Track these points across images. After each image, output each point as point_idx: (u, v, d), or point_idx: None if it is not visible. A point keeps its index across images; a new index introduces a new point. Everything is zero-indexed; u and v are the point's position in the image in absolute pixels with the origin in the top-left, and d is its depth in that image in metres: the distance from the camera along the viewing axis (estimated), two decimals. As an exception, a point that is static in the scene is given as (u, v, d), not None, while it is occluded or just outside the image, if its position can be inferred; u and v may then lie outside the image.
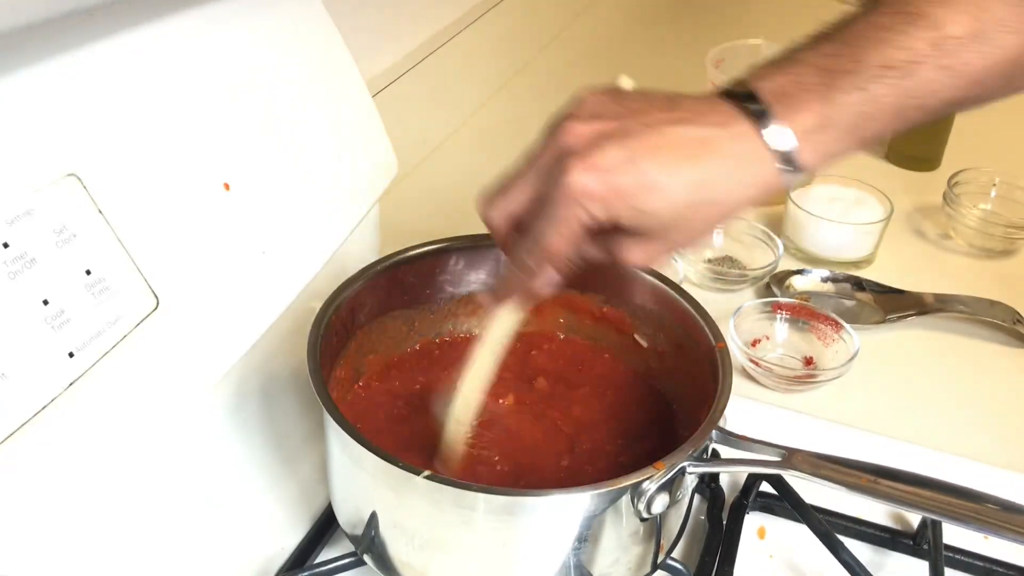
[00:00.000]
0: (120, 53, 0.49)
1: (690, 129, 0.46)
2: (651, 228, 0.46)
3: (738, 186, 0.46)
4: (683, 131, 0.45)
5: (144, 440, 0.49)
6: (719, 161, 0.45)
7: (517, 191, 0.49)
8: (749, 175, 0.46)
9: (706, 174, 0.45)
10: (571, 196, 0.45)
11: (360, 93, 0.69)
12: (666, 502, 0.49)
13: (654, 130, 0.45)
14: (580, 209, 0.45)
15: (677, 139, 0.45)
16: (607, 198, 0.44)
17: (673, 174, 0.45)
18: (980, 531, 0.48)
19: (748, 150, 0.45)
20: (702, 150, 0.45)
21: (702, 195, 0.45)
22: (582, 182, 0.44)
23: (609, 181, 0.44)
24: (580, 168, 0.44)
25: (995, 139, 1.19)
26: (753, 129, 0.45)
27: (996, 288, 0.89)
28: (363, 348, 0.63)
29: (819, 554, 0.58)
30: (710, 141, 0.45)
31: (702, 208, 0.46)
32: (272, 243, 0.57)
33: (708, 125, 0.46)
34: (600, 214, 0.45)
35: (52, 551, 0.46)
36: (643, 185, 0.44)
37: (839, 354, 0.77)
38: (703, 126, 0.46)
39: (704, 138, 0.45)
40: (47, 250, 0.44)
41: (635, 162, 0.44)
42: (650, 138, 0.45)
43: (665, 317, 0.63)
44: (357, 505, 0.53)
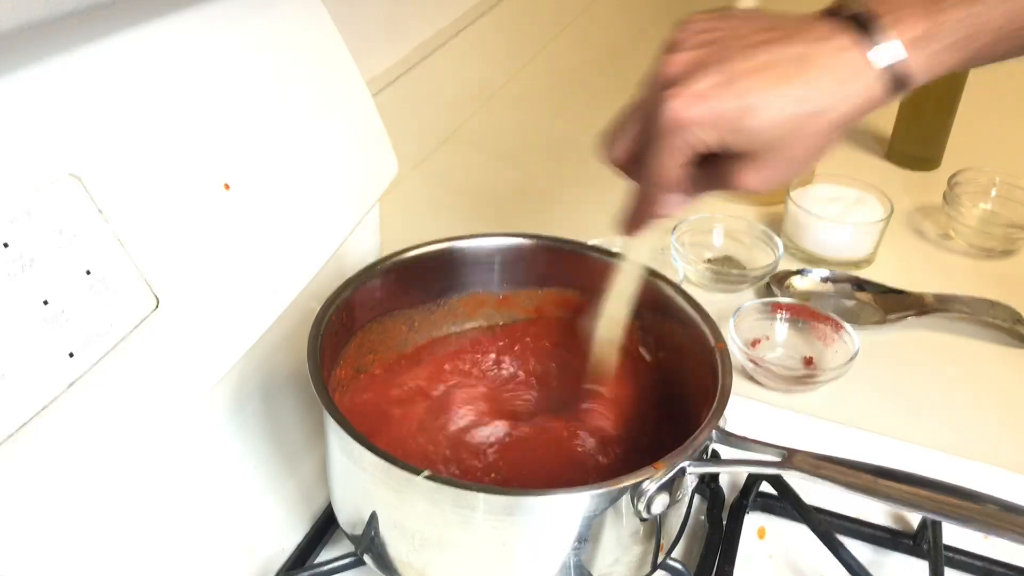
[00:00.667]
0: (120, 53, 0.49)
1: (789, 47, 0.46)
2: (759, 149, 0.46)
3: (842, 98, 0.46)
4: (782, 49, 0.46)
5: (144, 440, 0.49)
6: (819, 75, 0.45)
7: (628, 128, 0.50)
8: (852, 87, 0.46)
9: (806, 89, 0.45)
10: (673, 125, 0.46)
11: (360, 93, 0.69)
12: (666, 502, 0.49)
13: (752, 51, 0.46)
14: (685, 136, 0.46)
15: (775, 58, 0.46)
16: (709, 123, 0.45)
17: (772, 92, 0.45)
18: (980, 531, 0.48)
19: (850, 62, 0.45)
20: (801, 66, 0.45)
21: (804, 109, 0.45)
22: (682, 110, 0.45)
23: (709, 106, 0.45)
24: (679, 97, 0.45)
25: (995, 139, 1.19)
26: (856, 41, 0.45)
27: (996, 288, 0.89)
28: (363, 348, 0.63)
29: (819, 554, 0.58)
30: (809, 56, 0.46)
31: (807, 123, 0.46)
32: (272, 243, 0.57)
33: (808, 41, 0.46)
34: (705, 139, 0.46)
35: (52, 551, 0.46)
36: (743, 106, 0.45)
37: (839, 354, 0.77)
38: (803, 42, 0.46)
39: (803, 54, 0.46)
40: (47, 250, 0.44)
41: (733, 84, 0.45)
42: (747, 59, 0.45)
43: (665, 317, 0.63)
44: (357, 505, 0.53)
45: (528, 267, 0.67)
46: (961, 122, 1.10)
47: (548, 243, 0.66)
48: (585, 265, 0.66)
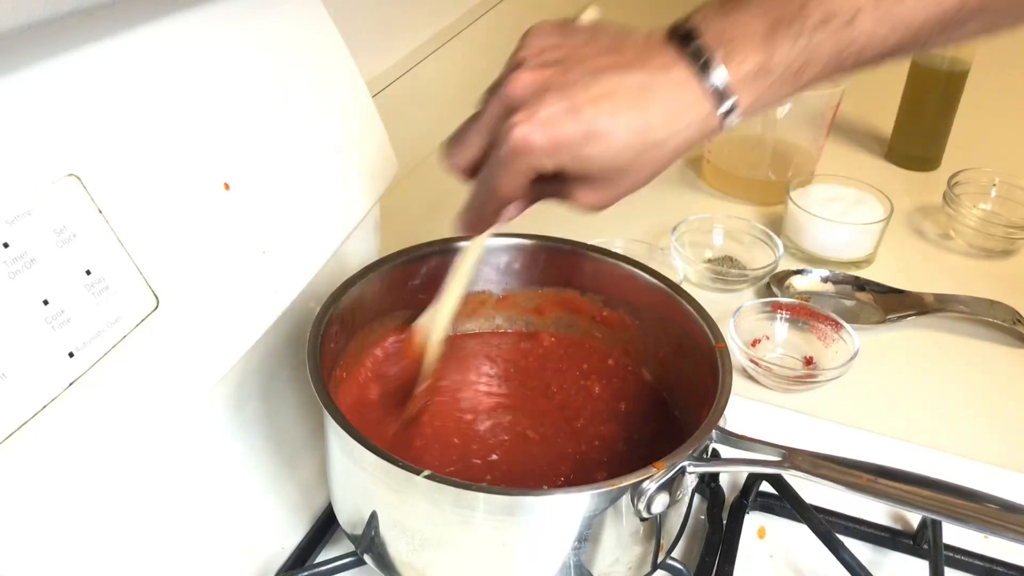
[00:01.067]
0: (120, 53, 0.49)
1: (632, 75, 0.47)
2: (598, 174, 0.48)
3: (680, 130, 0.48)
4: (624, 77, 0.47)
5: (144, 440, 0.49)
6: (659, 106, 0.47)
7: (472, 139, 0.52)
8: (689, 119, 0.47)
9: (646, 119, 0.47)
10: (518, 150, 0.47)
11: (360, 93, 0.69)
12: (666, 502, 0.49)
13: (596, 78, 0.47)
14: (524, 161, 0.47)
15: (618, 86, 0.47)
16: (551, 149, 0.47)
17: (615, 122, 0.47)
18: (980, 531, 0.48)
19: (688, 95, 0.47)
20: (642, 96, 0.47)
21: (645, 140, 0.47)
22: (526, 136, 0.47)
23: (552, 133, 0.46)
24: (524, 122, 0.47)
25: (995, 139, 1.19)
26: (694, 74, 0.47)
27: (996, 288, 0.89)
28: (363, 348, 0.63)
29: (819, 554, 0.58)
30: (651, 87, 0.47)
31: (646, 152, 0.48)
32: (272, 243, 0.57)
33: (649, 70, 0.47)
34: (546, 164, 0.47)
35: (52, 551, 0.46)
36: (586, 134, 0.46)
37: (839, 354, 0.77)
38: (644, 71, 0.47)
39: (644, 84, 0.47)
40: (47, 250, 0.44)
41: (577, 112, 0.46)
42: (592, 87, 0.47)
43: (665, 317, 0.63)
44: (357, 505, 0.53)
45: (528, 267, 0.67)
46: (961, 122, 1.10)
47: (548, 243, 0.66)
48: (585, 265, 0.66)
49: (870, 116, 1.20)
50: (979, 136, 1.16)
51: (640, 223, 0.94)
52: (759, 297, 0.87)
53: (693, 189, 1.07)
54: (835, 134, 1.10)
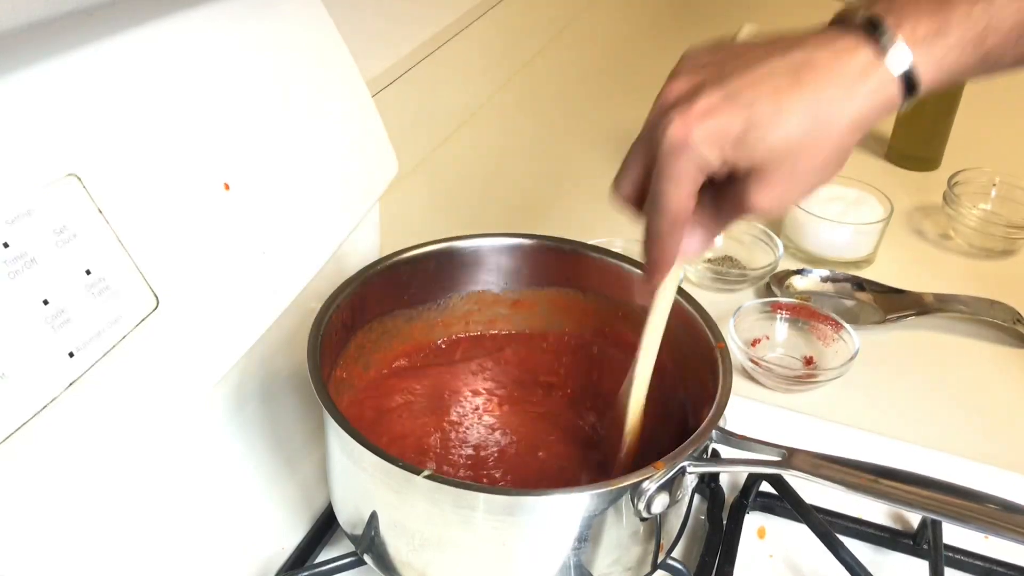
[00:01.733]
0: (120, 53, 0.49)
1: (791, 55, 0.44)
2: (768, 164, 0.44)
3: (852, 102, 0.44)
4: (783, 58, 0.44)
5: (144, 440, 0.49)
6: (825, 78, 0.44)
7: (633, 162, 0.48)
8: (862, 88, 0.44)
9: (813, 94, 0.43)
10: (676, 146, 0.44)
11: (360, 93, 0.69)
12: (666, 502, 0.49)
13: (753, 63, 0.44)
14: (687, 158, 0.44)
15: (777, 67, 0.44)
16: (713, 140, 0.43)
17: (777, 101, 0.43)
18: (980, 531, 0.48)
19: (858, 64, 0.44)
20: (805, 72, 0.43)
21: (815, 114, 0.43)
22: (683, 131, 0.43)
23: (711, 123, 0.43)
24: (679, 117, 0.44)
25: (995, 139, 1.19)
26: (861, 42, 0.44)
27: (996, 288, 0.89)
28: (363, 348, 0.63)
29: (819, 554, 0.58)
30: (812, 61, 0.44)
31: (817, 131, 0.44)
32: (272, 243, 0.57)
33: (810, 47, 0.44)
34: (711, 158, 0.44)
35: (52, 551, 0.46)
36: (748, 119, 0.43)
37: (839, 354, 0.77)
38: (805, 49, 0.44)
39: (806, 60, 0.44)
40: (47, 250, 0.44)
41: (734, 98, 0.43)
42: (749, 72, 0.44)
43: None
44: (357, 505, 0.53)
45: (528, 267, 0.67)
46: (961, 122, 1.10)
47: (548, 243, 0.66)
48: (585, 265, 0.66)
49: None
50: (979, 136, 1.16)
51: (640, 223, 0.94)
52: (759, 297, 0.87)
53: (693, 189, 1.07)
54: (835, 134, 1.10)
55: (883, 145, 1.15)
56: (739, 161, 0.44)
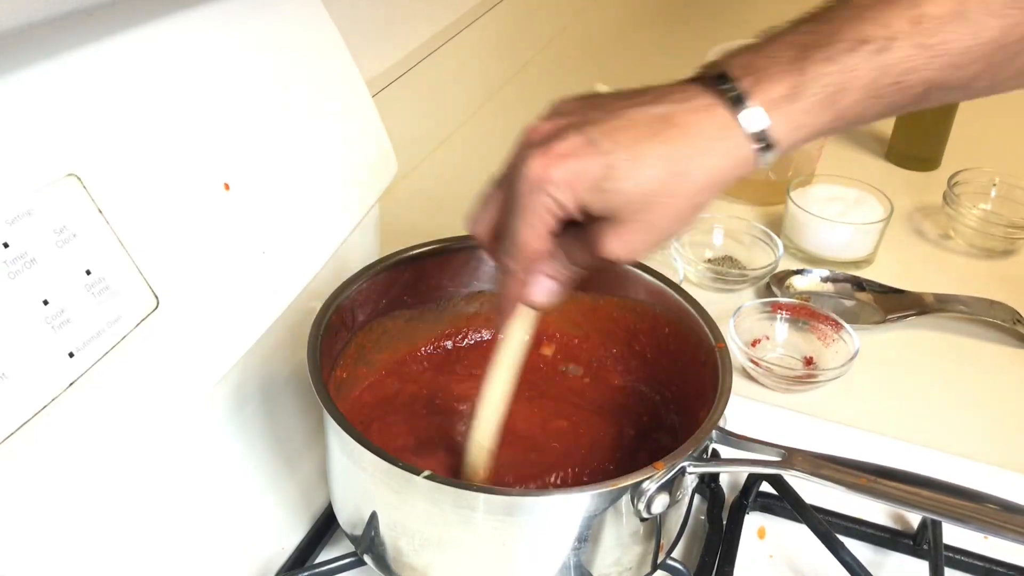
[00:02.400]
0: (120, 53, 0.49)
1: (652, 108, 0.45)
2: (623, 212, 0.45)
3: (709, 161, 0.45)
4: (644, 110, 0.45)
5: (144, 440, 0.49)
6: (683, 133, 0.44)
7: (492, 199, 0.49)
8: (719, 149, 0.45)
9: (670, 147, 0.44)
10: (533, 184, 0.44)
11: (360, 93, 0.69)
12: (666, 502, 0.49)
13: (615, 114, 0.45)
14: (543, 197, 0.44)
15: (638, 118, 0.45)
16: (568, 183, 0.44)
17: (634, 150, 0.44)
18: (980, 531, 0.48)
19: (716, 123, 0.44)
20: (664, 125, 0.44)
21: (669, 168, 0.44)
22: (541, 170, 0.44)
23: (569, 166, 0.44)
24: (539, 158, 0.44)
25: (995, 139, 1.19)
26: (720, 101, 0.44)
27: (996, 288, 0.89)
28: (363, 348, 0.63)
29: (819, 554, 0.58)
30: (672, 116, 0.44)
31: (671, 184, 0.44)
32: (272, 243, 0.57)
33: (672, 101, 0.45)
34: (565, 200, 0.44)
35: (52, 551, 0.46)
36: (605, 165, 0.44)
37: (839, 354, 0.77)
38: (667, 102, 0.45)
39: (665, 114, 0.45)
40: (47, 250, 0.44)
41: (595, 143, 0.44)
42: (610, 121, 0.44)
43: (665, 317, 0.63)
44: (357, 505, 0.53)
45: (528, 267, 0.67)
46: (961, 122, 1.10)
47: (548, 243, 0.66)
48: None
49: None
50: (979, 136, 1.16)
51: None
52: (759, 297, 0.87)
53: (693, 189, 1.07)
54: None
55: (883, 145, 1.15)
56: (593, 206, 0.45)
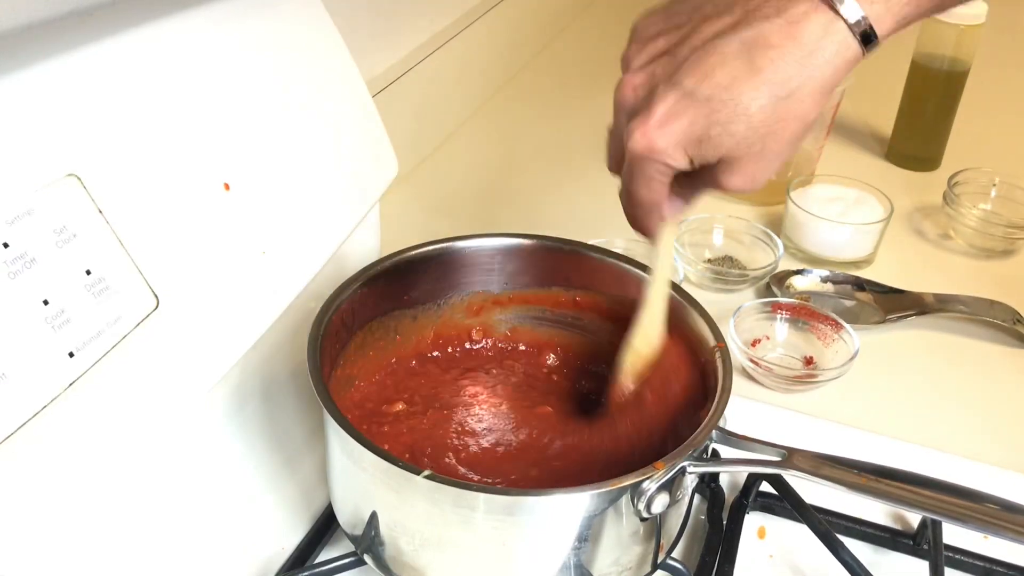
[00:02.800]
0: (120, 53, 0.49)
1: (743, 31, 0.43)
2: (736, 153, 0.44)
3: (815, 71, 0.43)
4: (736, 37, 0.43)
5: (144, 440, 0.49)
6: (783, 54, 0.43)
7: (613, 147, 0.50)
8: (823, 56, 0.43)
9: (774, 75, 0.43)
10: (640, 157, 0.45)
11: (360, 93, 0.69)
12: (666, 502, 0.49)
13: (705, 48, 0.43)
14: (652, 166, 0.45)
15: (730, 49, 0.43)
16: (676, 145, 0.44)
17: (737, 92, 0.43)
18: (980, 531, 0.48)
19: (814, 30, 0.43)
20: (761, 50, 0.43)
21: (778, 96, 0.43)
22: (646, 142, 0.44)
23: (672, 129, 0.43)
24: (640, 129, 0.44)
25: (995, 139, 1.19)
26: (817, 4, 0.43)
27: (996, 288, 0.89)
28: (363, 348, 0.63)
29: (819, 554, 0.58)
30: (767, 36, 0.43)
31: (784, 109, 0.43)
32: (272, 243, 0.57)
33: (763, 18, 0.43)
34: (676, 162, 0.45)
35: (52, 551, 0.46)
36: (708, 118, 0.43)
37: (839, 354, 0.77)
38: (757, 22, 0.43)
39: (756, 38, 0.43)
40: (47, 250, 0.44)
41: (691, 97, 0.43)
42: (701, 63, 0.43)
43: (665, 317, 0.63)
44: (357, 505, 0.53)
45: (528, 267, 0.67)
46: (961, 122, 1.10)
47: (548, 243, 0.66)
48: (585, 265, 0.66)
49: (870, 116, 1.20)
50: (979, 136, 1.16)
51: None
52: (759, 297, 0.87)
53: (693, 189, 1.07)
54: (835, 134, 1.10)
55: (883, 145, 1.15)
56: (706, 157, 0.45)
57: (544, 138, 1.16)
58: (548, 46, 1.40)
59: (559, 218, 0.98)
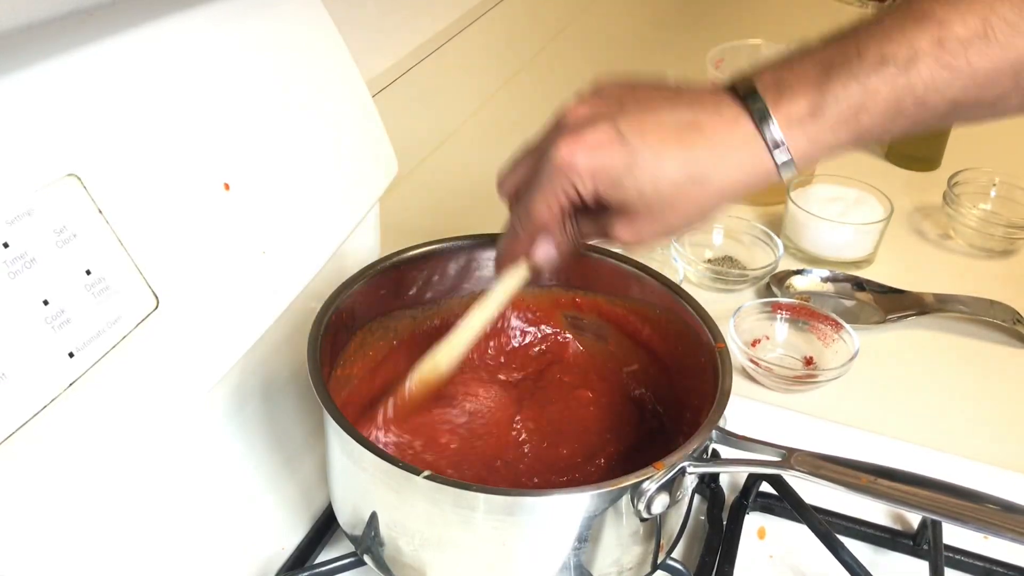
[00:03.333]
0: (120, 53, 0.49)
1: (684, 111, 0.47)
2: (637, 206, 0.47)
3: (728, 171, 0.47)
4: (676, 114, 0.47)
5: (144, 440, 0.49)
6: (708, 143, 0.46)
7: (520, 164, 0.52)
8: (739, 160, 0.47)
9: (694, 155, 0.46)
10: (557, 168, 0.47)
11: (360, 93, 0.69)
12: (666, 502, 0.49)
13: (649, 110, 0.47)
14: (564, 181, 0.47)
15: (668, 120, 0.47)
16: (591, 172, 0.46)
17: (659, 153, 0.46)
18: (980, 531, 0.48)
19: (739, 136, 0.46)
20: (691, 130, 0.46)
21: (688, 173, 0.46)
22: (568, 155, 0.46)
23: (594, 156, 0.46)
24: (569, 142, 0.46)
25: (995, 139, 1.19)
26: (745, 115, 0.46)
27: (996, 288, 0.89)
28: (364, 348, 0.63)
29: (819, 554, 0.58)
30: (701, 124, 0.47)
31: (691, 189, 0.47)
32: (272, 243, 0.57)
33: (702, 108, 0.47)
34: (583, 188, 0.47)
35: (52, 551, 0.46)
36: (628, 163, 0.46)
37: (839, 354, 0.77)
38: (697, 110, 0.47)
39: (694, 120, 0.47)
40: (47, 250, 0.44)
41: (623, 140, 0.46)
42: (642, 116, 0.47)
43: (665, 317, 0.63)
44: (357, 505, 0.53)
45: (528, 267, 0.67)
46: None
47: (548, 243, 0.66)
48: (585, 265, 0.66)
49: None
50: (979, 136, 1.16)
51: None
52: (759, 297, 0.87)
53: (693, 189, 1.07)
54: (835, 134, 1.10)
55: (883, 145, 1.15)
56: (609, 199, 0.47)
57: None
58: (548, 46, 1.40)
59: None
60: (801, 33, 0.50)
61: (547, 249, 0.52)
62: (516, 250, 0.52)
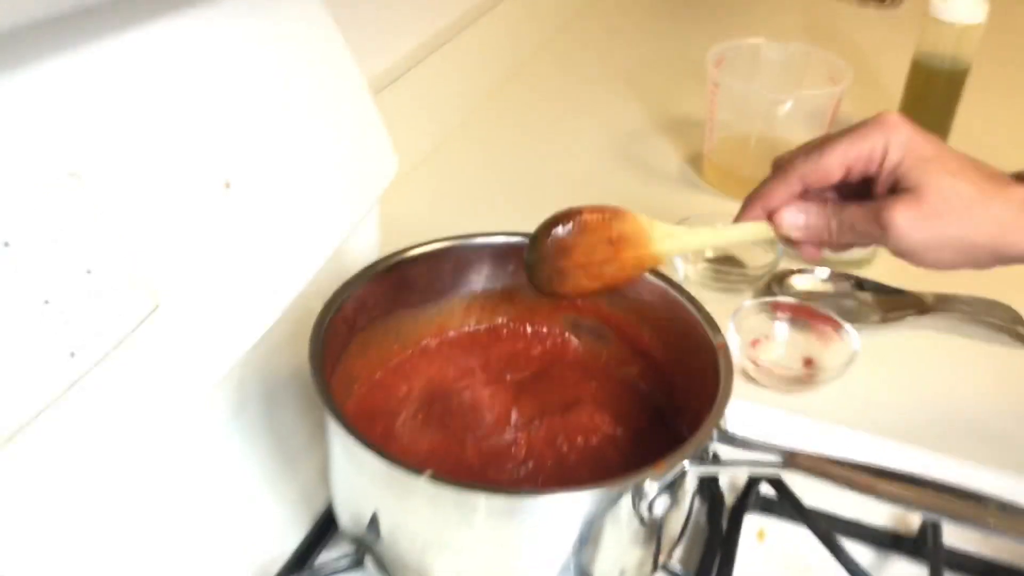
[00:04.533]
0: (120, 52, 0.49)
1: (997, 173, 0.55)
2: (928, 194, 0.51)
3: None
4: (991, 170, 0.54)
5: (144, 441, 0.49)
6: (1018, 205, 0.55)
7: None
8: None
9: (1005, 196, 0.54)
10: (879, 121, 0.53)
11: (360, 93, 0.69)
12: (667, 503, 0.49)
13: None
14: (879, 136, 0.52)
15: (986, 172, 0.54)
16: (909, 135, 0.52)
17: (973, 179, 0.52)
18: (980, 531, 0.48)
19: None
20: (1007, 186, 0.55)
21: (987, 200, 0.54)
22: (897, 117, 0.53)
23: (919, 130, 0.53)
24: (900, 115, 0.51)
25: (995, 139, 1.19)
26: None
27: (996, 288, 0.89)
28: (365, 348, 0.63)
29: (819, 556, 0.58)
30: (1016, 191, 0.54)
31: (984, 216, 0.52)
32: (272, 243, 0.57)
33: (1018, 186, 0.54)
34: (893, 151, 0.52)
35: (52, 551, 0.46)
36: (940, 153, 0.51)
37: (839, 354, 0.77)
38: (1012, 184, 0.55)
39: (1011, 183, 0.54)
40: (47, 250, 0.44)
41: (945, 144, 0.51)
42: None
43: (665, 317, 0.63)
44: (358, 506, 0.53)
45: (528, 267, 0.67)
46: (961, 121, 1.10)
47: (548, 243, 0.66)
48: (585, 265, 0.66)
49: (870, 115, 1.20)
50: (979, 136, 1.16)
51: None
52: (759, 297, 0.87)
53: (693, 188, 1.07)
54: (835, 134, 1.10)
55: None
56: (909, 175, 0.49)
57: (544, 138, 1.16)
58: (548, 46, 1.40)
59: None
60: (801, 33, 0.50)
61: (797, 219, 0.51)
62: (773, 201, 0.52)
